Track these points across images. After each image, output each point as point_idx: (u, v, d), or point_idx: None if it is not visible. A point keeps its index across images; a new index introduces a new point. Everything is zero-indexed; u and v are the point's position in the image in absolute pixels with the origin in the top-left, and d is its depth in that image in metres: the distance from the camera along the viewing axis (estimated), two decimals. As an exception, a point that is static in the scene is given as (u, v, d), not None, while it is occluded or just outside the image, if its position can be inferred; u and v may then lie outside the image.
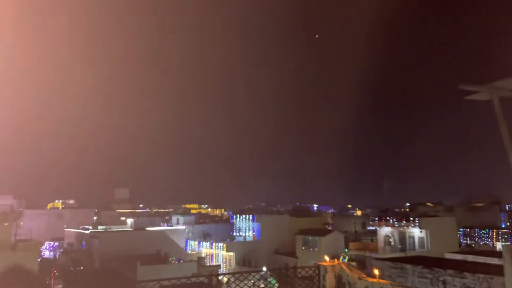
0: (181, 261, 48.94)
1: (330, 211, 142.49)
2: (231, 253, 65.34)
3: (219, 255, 67.18)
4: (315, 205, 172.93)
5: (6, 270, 33.45)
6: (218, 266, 58.45)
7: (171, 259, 49.86)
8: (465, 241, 67.35)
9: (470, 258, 39.19)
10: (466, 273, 24.08)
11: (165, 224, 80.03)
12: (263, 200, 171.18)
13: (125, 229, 65.74)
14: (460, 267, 26.06)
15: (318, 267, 10.96)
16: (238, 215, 77.83)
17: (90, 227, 64.51)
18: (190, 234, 76.33)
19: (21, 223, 74.42)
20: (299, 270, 11.97)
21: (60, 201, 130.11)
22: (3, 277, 32.14)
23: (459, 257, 41.26)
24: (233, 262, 64.65)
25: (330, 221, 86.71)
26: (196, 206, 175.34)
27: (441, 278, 25.28)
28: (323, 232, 61.24)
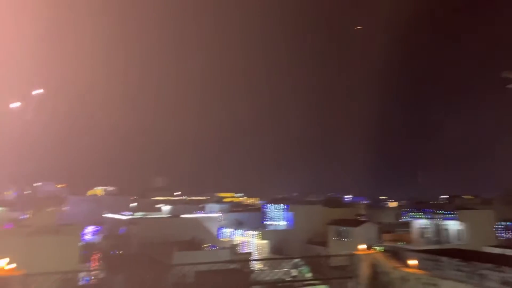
0: (216, 248, 49.92)
1: (364, 202, 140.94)
2: (264, 241, 66.00)
3: (251, 243, 68.02)
4: (349, 196, 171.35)
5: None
6: (250, 254, 59.20)
7: (204, 246, 50.94)
8: (504, 235, 65.12)
9: (508, 252, 38.13)
10: (504, 267, 23.57)
11: (200, 211, 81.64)
12: (296, 190, 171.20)
13: (162, 216, 67.51)
14: (498, 261, 25.47)
15: (352, 255, 11.13)
16: (271, 204, 78.48)
17: (129, 213, 66.71)
18: (224, 222, 77.64)
19: (64, 208, 77.89)
20: (332, 258, 12.18)
21: (101, 188, 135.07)
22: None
23: (497, 250, 40.20)
24: (266, 250, 65.32)
25: (363, 212, 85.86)
26: (231, 194, 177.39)
27: (478, 272, 24.82)
28: (355, 223, 60.88)
